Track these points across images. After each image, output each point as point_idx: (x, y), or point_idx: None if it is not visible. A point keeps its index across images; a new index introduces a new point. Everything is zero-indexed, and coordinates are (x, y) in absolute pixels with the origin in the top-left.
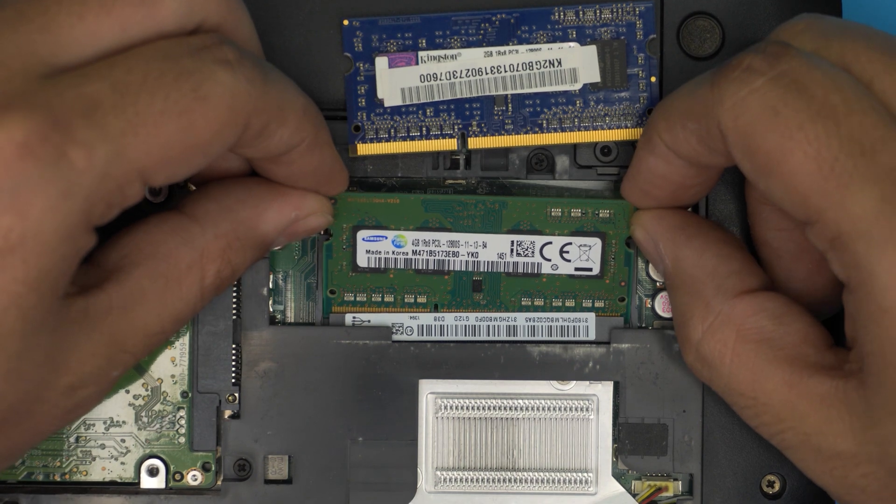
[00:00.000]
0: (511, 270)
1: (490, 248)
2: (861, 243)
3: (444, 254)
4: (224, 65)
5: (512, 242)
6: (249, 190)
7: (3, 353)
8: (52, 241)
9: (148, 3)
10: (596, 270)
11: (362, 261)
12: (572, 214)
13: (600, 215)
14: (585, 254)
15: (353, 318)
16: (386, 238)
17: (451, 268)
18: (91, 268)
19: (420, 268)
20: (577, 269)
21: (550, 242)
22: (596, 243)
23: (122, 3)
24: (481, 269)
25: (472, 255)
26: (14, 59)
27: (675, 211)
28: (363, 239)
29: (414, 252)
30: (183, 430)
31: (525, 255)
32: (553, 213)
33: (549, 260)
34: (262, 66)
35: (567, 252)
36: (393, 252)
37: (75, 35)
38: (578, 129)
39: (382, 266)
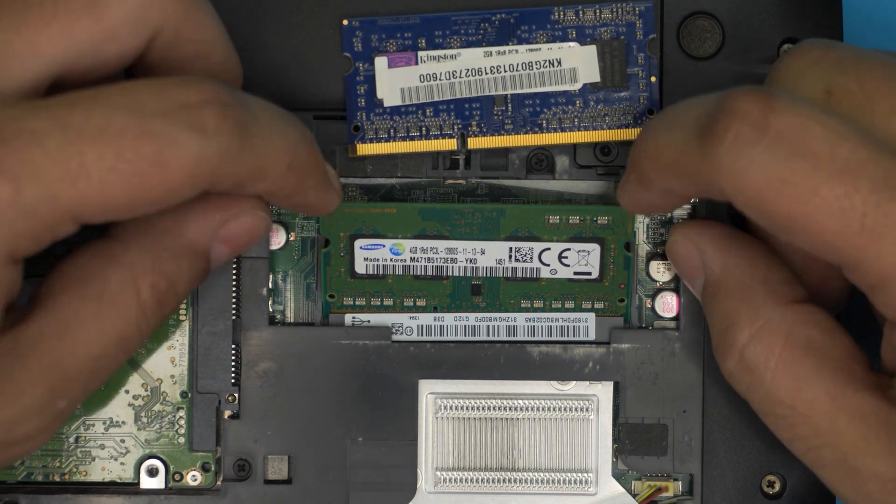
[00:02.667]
0: (510, 275)
1: (488, 255)
2: None
3: (443, 260)
4: (197, 132)
5: (510, 249)
6: None
7: None
8: None
9: (93, 9)
10: (595, 274)
11: (360, 268)
12: (570, 221)
13: (598, 222)
14: (584, 259)
15: (353, 318)
16: (384, 246)
17: (450, 273)
18: (18, 307)
19: (419, 274)
20: (576, 273)
21: (549, 248)
22: (595, 249)
23: (65, 11)
24: (480, 275)
25: (471, 261)
26: None
27: (718, 222)
28: (361, 247)
29: (412, 259)
30: (182, 431)
31: (524, 261)
32: (551, 221)
33: (548, 265)
34: (245, 127)
35: (566, 257)
36: (391, 259)
37: (15, 50)
38: (578, 129)
39: (381, 273)
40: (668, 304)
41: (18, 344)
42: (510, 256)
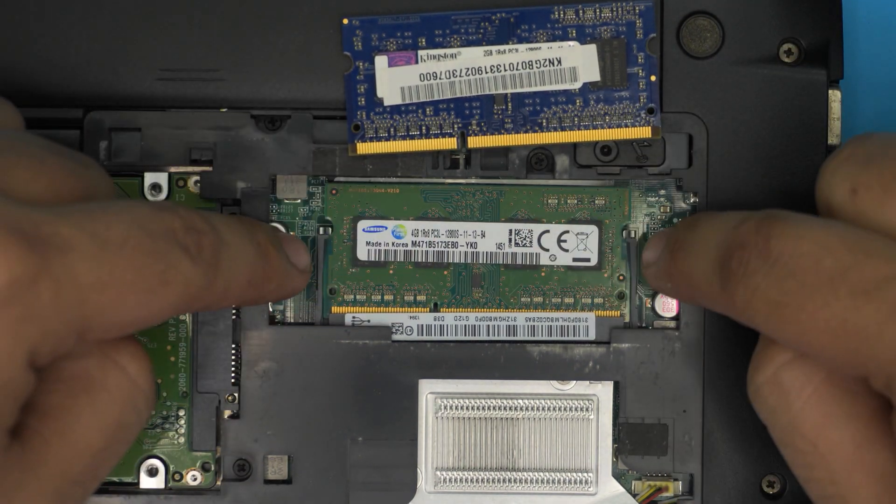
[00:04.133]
0: (510, 262)
1: (489, 238)
2: None
3: (444, 244)
4: (187, 254)
5: (510, 231)
6: None
7: None
8: (2, 365)
9: None
10: (594, 261)
11: (362, 254)
12: (569, 202)
13: (596, 203)
14: (583, 242)
15: (353, 317)
16: (386, 228)
17: (451, 260)
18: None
19: (420, 260)
20: (574, 259)
21: (548, 231)
22: (593, 231)
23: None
24: (480, 261)
25: (471, 245)
26: None
27: None
28: (364, 230)
29: (413, 244)
30: (182, 431)
31: (523, 245)
32: (550, 202)
33: (548, 250)
34: (217, 252)
35: (565, 241)
36: (393, 244)
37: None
38: (578, 129)
39: (382, 259)
40: (668, 304)
41: (25, 452)
42: (510, 240)
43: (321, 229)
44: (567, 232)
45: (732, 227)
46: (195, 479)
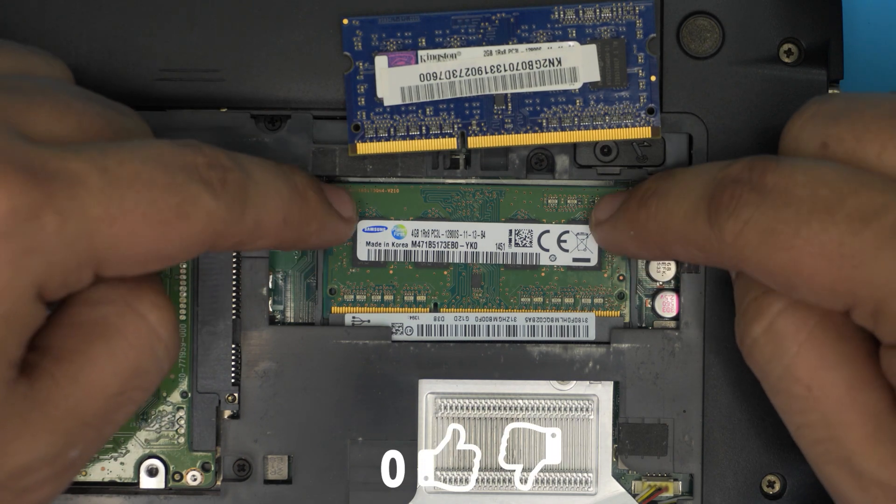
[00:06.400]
0: (510, 262)
1: (489, 238)
2: None
3: (444, 245)
4: (209, 188)
5: (510, 231)
6: None
7: None
8: (5, 296)
9: None
10: (594, 261)
11: (362, 254)
12: (569, 202)
13: (596, 203)
14: (583, 243)
15: (353, 317)
16: (386, 228)
17: (451, 260)
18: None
19: (420, 260)
20: (574, 259)
21: (548, 231)
22: None
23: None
24: (480, 261)
25: (471, 245)
26: None
27: None
28: (364, 230)
29: (413, 244)
30: (182, 431)
31: (523, 246)
32: (550, 202)
33: (548, 250)
34: (244, 188)
35: (565, 241)
36: (393, 244)
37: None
38: (578, 129)
39: (382, 259)
40: (668, 304)
41: (33, 390)
42: (510, 240)
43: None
44: (567, 232)
45: (719, 168)
46: (195, 479)
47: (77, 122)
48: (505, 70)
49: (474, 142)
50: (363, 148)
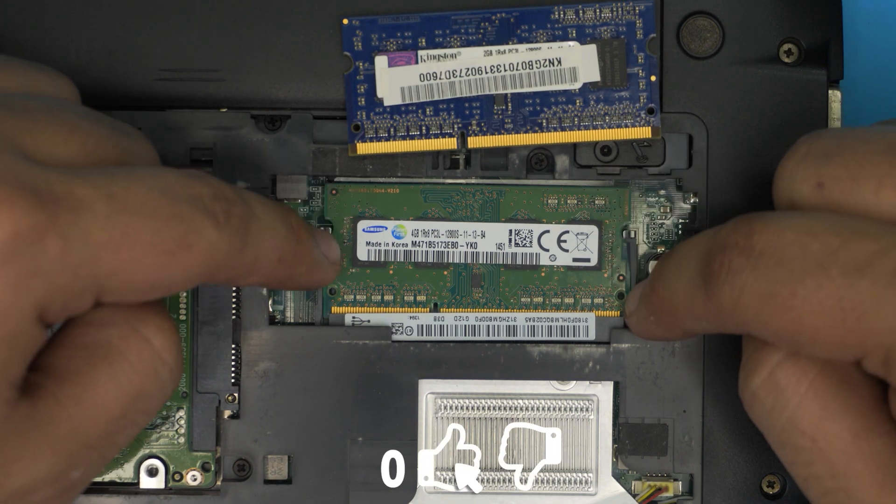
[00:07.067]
0: (510, 262)
1: (489, 238)
2: None
3: (444, 245)
4: (213, 219)
5: (510, 231)
6: None
7: None
8: (6, 318)
9: None
10: (594, 261)
11: (362, 254)
12: (569, 202)
13: (596, 203)
14: (583, 243)
15: (353, 317)
16: (386, 229)
17: (451, 260)
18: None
19: (420, 260)
20: (574, 259)
21: (548, 231)
22: (593, 231)
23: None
24: (480, 261)
25: (471, 245)
26: None
27: None
28: (363, 230)
29: (413, 244)
30: (182, 431)
31: (523, 246)
32: (550, 202)
33: (548, 250)
34: (246, 222)
35: (564, 241)
36: (392, 244)
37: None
38: (578, 129)
39: (382, 259)
40: None
41: (36, 410)
42: (510, 240)
43: (321, 229)
44: (567, 232)
45: (708, 238)
46: (195, 479)
47: (82, 144)
48: (505, 70)
49: (474, 142)
50: (363, 148)
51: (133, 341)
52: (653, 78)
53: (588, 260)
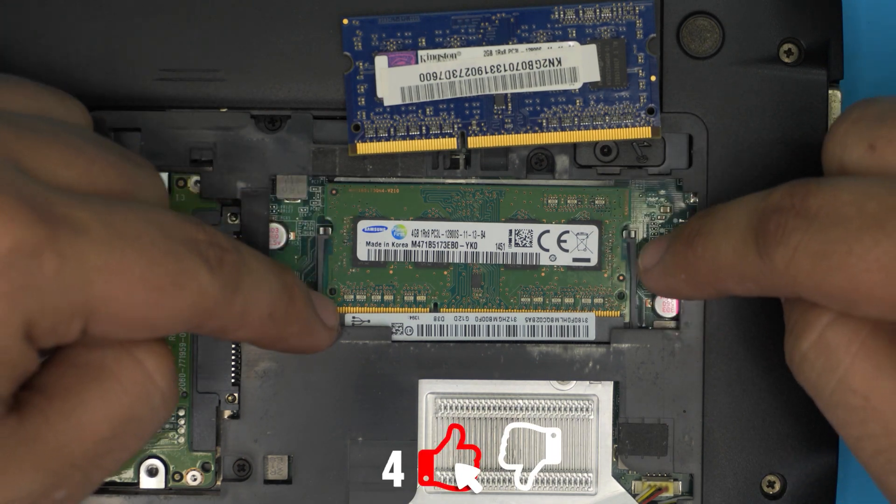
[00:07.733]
0: (510, 262)
1: (489, 238)
2: None
3: (444, 245)
4: (206, 264)
5: (510, 231)
6: None
7: None
8: None
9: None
10: (594, 261)
11: (362, 254)
12: (569, 202)
13: (596, 203)
14: (583, 243)
15: (353, 317)
16: (386, 229)
17: (451, 260)
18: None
19: (420, 260)
20: (574, 259)
21: (548, 231)
22: (593, 231)
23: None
24: (480, 261)
25: (471, 245)
26: None
27: None
28: (364, 230)
29: (413, 244)
30: (182, 431)
31: (523, 246)
32: (550, 202)
33: (548, 250)
34: (238, 271)
35: (565, 241)
36: (392, 244)
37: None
38: (578, 129)
39: (382, 259)
40: (668, 304)
41: (22, 426)
42: (510, 240)
43: (321, 229)
44: (567, 232)
45: (760, 199)
46: (195, 479)
47: (86, 169)
48: (505, 70)
49: (474, 142)
50: (363, 148)
51: (126, 363)
52: (653, 78)
53: (588, 260)
